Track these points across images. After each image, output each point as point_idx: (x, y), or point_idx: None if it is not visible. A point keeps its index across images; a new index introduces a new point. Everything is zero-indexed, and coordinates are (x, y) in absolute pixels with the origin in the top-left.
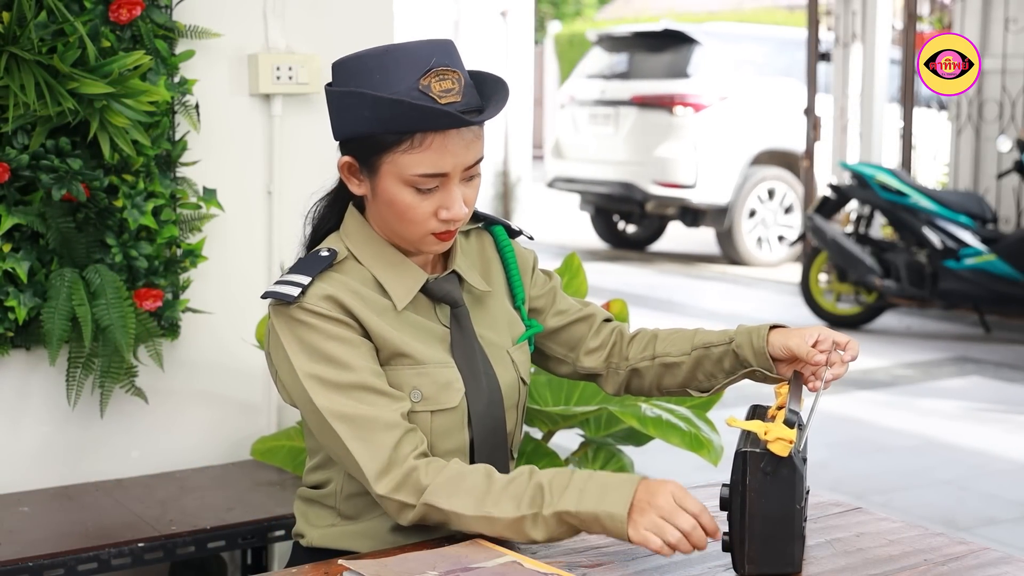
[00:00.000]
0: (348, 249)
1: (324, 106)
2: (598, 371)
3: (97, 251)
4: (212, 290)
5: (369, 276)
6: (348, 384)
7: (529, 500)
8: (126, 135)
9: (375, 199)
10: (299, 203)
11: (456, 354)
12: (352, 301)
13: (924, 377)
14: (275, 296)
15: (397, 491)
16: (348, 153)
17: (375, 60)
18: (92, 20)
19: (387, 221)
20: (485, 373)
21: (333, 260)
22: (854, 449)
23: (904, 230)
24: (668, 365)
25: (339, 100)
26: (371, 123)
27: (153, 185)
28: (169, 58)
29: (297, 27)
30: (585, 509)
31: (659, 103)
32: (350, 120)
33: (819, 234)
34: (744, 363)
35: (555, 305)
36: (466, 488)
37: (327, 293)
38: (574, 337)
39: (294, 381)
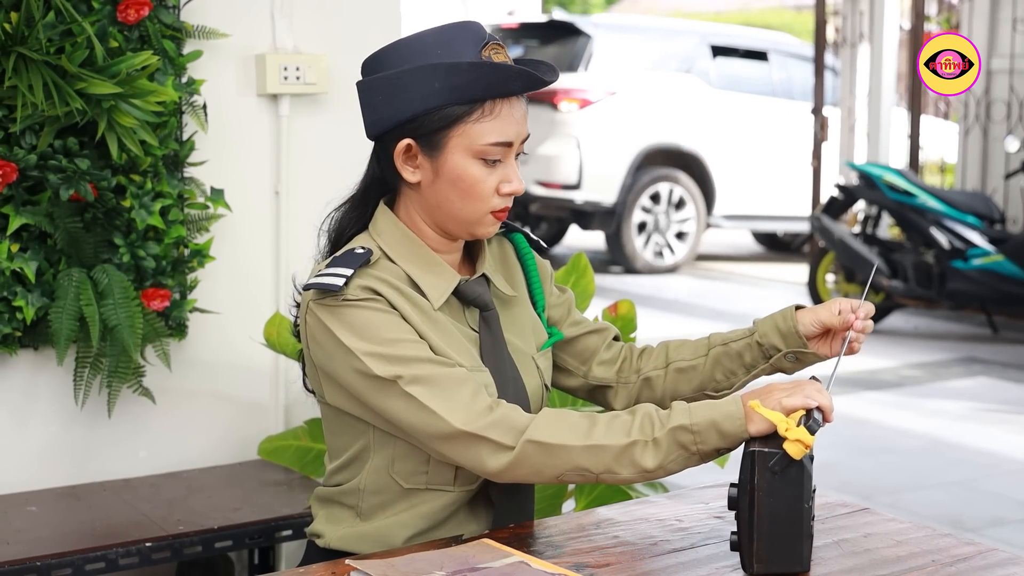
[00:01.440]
0: (380, 248)
1: (332, 106)
2: (609, 382)
3: (105, 251)
4: (219, 290)
5: (403, 275)
6: (410, 356)
7: (639, 427)
8: (134, 135)
9: (436, 181)
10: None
11: (486, 359)
12: (394, 296)
13: (931, 377)
14: (320, 287)
15: (490, 430)
16: (406, 136)
17: (433, 37)
18: (100, 20)
19: (447, 204)
20: (513, 378)
21: (369, 257)
22: (861, 449)
23: (911, 230)
24: (683, 370)
25: (396, 82)
26: (442, 95)
27: (161, 185)
28: (177, 58)
29: (305, 27)
30: (699, 419)
31: (543, 98)
32: (415, 98)
33: (826, 234)
34: (767, 353)
35: (570, 316)
36: (569, 424)
37: (368, 285)
38: (587, 349)
39: (350, 364)
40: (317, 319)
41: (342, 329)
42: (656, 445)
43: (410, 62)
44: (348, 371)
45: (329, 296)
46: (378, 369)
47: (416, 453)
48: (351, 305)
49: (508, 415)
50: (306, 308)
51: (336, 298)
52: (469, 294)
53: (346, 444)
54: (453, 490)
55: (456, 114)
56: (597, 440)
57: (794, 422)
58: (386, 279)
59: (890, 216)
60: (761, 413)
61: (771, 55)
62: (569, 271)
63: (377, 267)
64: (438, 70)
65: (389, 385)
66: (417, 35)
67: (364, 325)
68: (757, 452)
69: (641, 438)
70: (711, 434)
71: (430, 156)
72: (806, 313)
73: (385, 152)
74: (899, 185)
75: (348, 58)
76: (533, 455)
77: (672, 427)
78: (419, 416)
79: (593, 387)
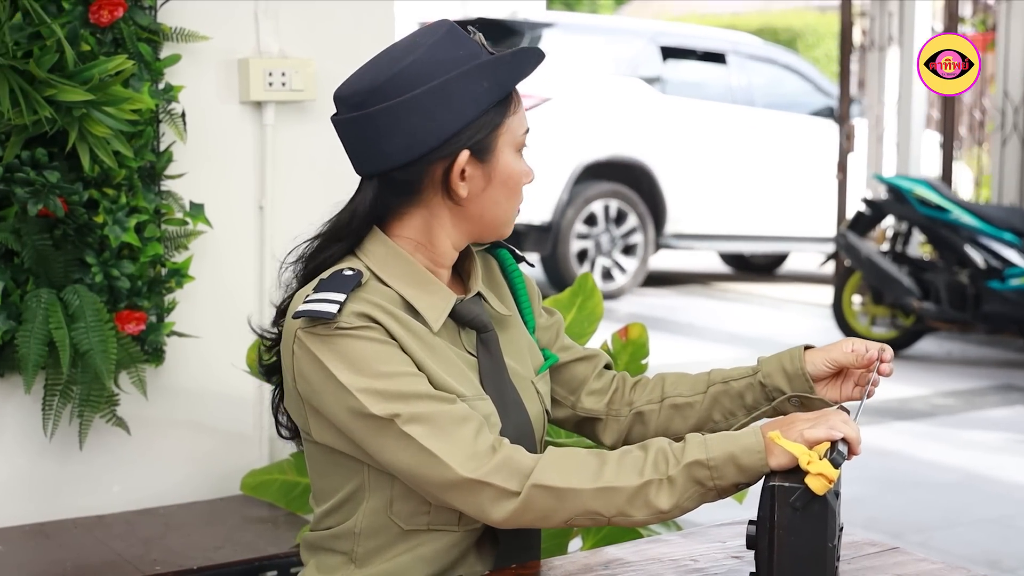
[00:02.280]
0: (369, 269)
1: (320, 115)
2: (598, 414)
3: (76, 270)
4: (199, 312)
5: (397, 297)
6: (408, 392)
7: (652, 465)
8: (107, 146)
9: (488, 187)
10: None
11: (487, 385)
12: (390, 322)
13: (966, 407)
14: (312, 315)
15: (494, 475)
16: (456, 149)
17: (451, 40)
18: (71, 22)
19: (495, 209)
20: (515, 405)
21: (360, 279)
22: (891, 484)
23: (944, 248)
24: (678, 406)
25: (441, 93)
26: (491, 93)
27: (136, 200)
28: (153, 63)
29: (291, 30)
30: (716, 453)
31: None
32: (466, 104)
33: (853, 252)
34: (770, 395)
35: (559, 341)
36: (578, 464)
37: (363, 311)
38: (576, 377)
39: (343, 401)
40: (306, 350)
41: (335, 361)
42: (671, 483)
43: (441, 72)
44: (340, 408)
45: (320, 324)
46: (374, 407)
47: (417, 492)
48: (345, 334)
49: (512, 457)
50: (293, 338)
51: (328, 326)
52: (466, 314)
53: (337, 485)
54: (457, 530)
55: (502, 110)
56: (608, 481)
57: (817, 455)
58: (380, 303)
59: (921, 233)
60: (782, 445)
61: (729, 57)
62: (575, 292)
63: (369, 290)
64: (485, 68)
65: (385, 424)
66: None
67: (359, 356)
68: (777, 487)
69: (655, 476)
70: (729, 469)
71: (483, 162)
72: (817, 353)
73: (408, 179)
74: (931, 199)
75: (338, 63)
76: (540, 500)
77: (687, 463)
78: (417, 459)
79: (581, 419)
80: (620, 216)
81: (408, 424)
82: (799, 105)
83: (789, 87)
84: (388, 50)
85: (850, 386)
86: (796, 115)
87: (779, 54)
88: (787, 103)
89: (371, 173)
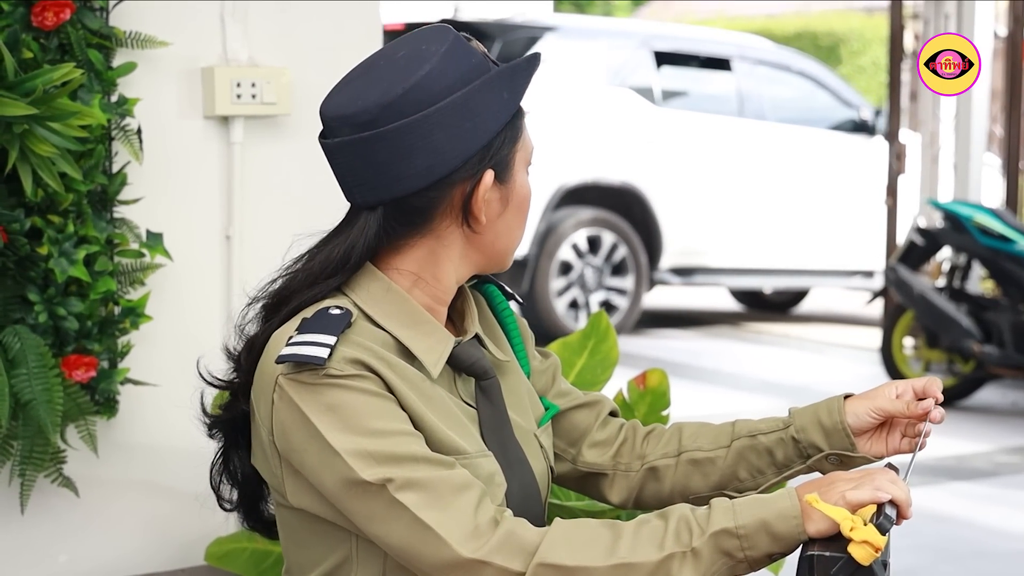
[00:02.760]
0: (358, 307)
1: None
2: (603, 469)
3: (16, 309)
4: (158, 357)
5: (390, 340)
6: (403, 454)
7: (674, 536)
8: (52, 167)
9: (506, 210)
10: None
11: (489, 439)
12: (386, 371)
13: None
14: (299, 360)
15: (496, 555)
16: (488, 166)
17: (462, 48)
18: (10, 26)
19: (508, 234)
20: (519, 462)
21: (350, 319)
22: (947, 553)
23: (1009, 284)
24: (698, 462)
25: (463, 107)
26: (509, 104)
27: (85, 228)
28: (105, 72)
29: (262, 35)
30: (745, 520)
31: None
32: (488, 119)
33: (904, 288)
34: (805, 452)
35: (555, 386)
36: (588, 537)
37: (357, 357)
38: (577, 427)
39: (330, 464)
40: (289, 400)
41: (322, 415)
42: (696, 557)
43: (462, 82)
44: (326, 471)
45: (307, 371)
46: (364, 472)
47: None
48: (336, 384)
49: (515, 531)
50: (273, 385)
51: (316, 373)
52: (465, 359)
53: (318, 557)
54: None
55: (518, 123)
56: (624, 557)
57: (862, 520)
58: (373, 348)
59: (982, 266)
60: (821, 510)
61: (735, 63)
62: (587, 334)
63: (359, 331)
64: (503, 77)
65: (376, 491)
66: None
67: (351, 411)
68: (817, 557)
69: (678, 549)
70: (761, 537)
71: (502, 183)
72: (858, 401)
73: (422, 206)
74: (993, 228)
75: (316, 73)
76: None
77: (713, 532)
78: (411, 533)
79: (584, 474)
80: (607, 248)
81: (401, 491)
82: (818, 118)
83: (806, 97)
84: (386, 60)
85: (897, 438)
86: (815, 129)
87: (793, 59)
88: (804, 116)
89: (380, 201)
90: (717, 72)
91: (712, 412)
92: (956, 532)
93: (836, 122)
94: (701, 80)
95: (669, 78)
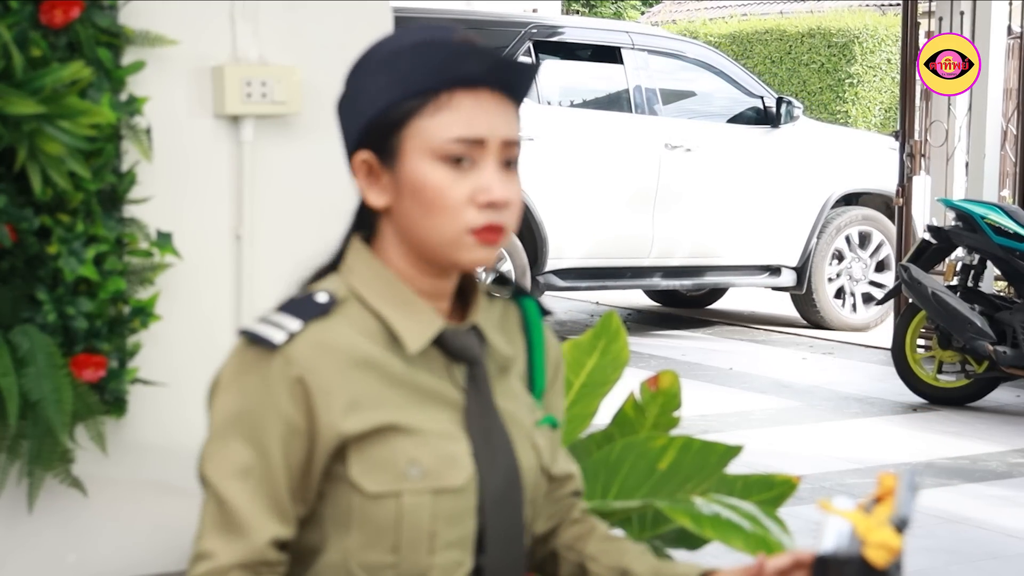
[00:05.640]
0: (352, 287)
1: (306, 130)
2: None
3: (25, 309)
4: (167, 357)
5: (373, 324)
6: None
7: None
8: (61, 166)
9: (400, 197)
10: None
11: (471, 423)
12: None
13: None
14: (254, 338)
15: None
16: (364, 147)
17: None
18: (19, 24)
19: (414, 225)
20: (502, 450)
21: (329, 308)
22: (960, 554)
23: (1022, 283)
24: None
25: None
26: (390, 90)
27: (94, 228)
28: (114, 71)
29: (273, 33)
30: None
31: None
32: (365, 102)
33: (916, 289)
34: None
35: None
36: None
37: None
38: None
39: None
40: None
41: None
42: None
43: (359, 68)
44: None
45: (258, 349)
46: (206, 446)
47: (380, 538)
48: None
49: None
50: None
51: (263, 353)
52: (453, 343)
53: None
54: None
55: (405, 109)
56: None
57: (880, 522)
58: (338, 346)
59: (996, 266)
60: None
61: (626, 54)
62: (597, 334)
63: (342, 314)
64: (381, 64)
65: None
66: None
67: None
68: (831, 560)
69: None
70: None
71: (388, 167)
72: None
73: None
74: (1007, 227)
75: (326, 72)
76: None
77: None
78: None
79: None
80: None
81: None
82: (718, 110)
83: (705, 88)
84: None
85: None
86: (713, 123)
87: (690, 48)
88: (702, 108)
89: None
90: (605, 64)
91: (723, 412)
92: (969, 533)
93: (737, 114)
94: (588, 73)
95: (549, 71)
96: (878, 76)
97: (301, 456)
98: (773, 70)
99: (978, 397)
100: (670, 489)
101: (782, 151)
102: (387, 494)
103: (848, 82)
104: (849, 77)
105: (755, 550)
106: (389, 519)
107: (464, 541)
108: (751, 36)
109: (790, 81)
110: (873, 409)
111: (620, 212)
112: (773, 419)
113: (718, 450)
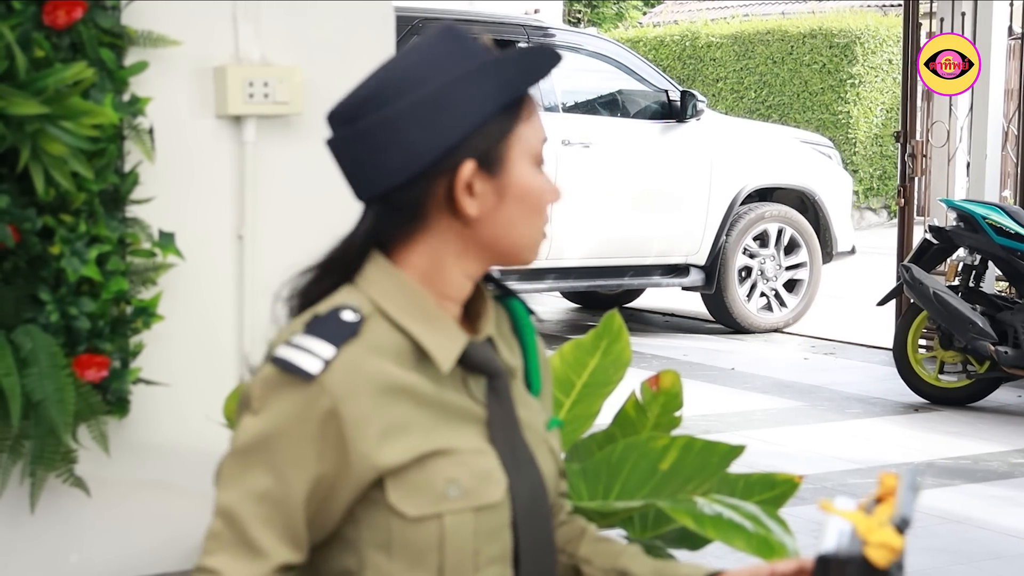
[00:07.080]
0: (374, 302)
1: (308, 130)
2: None
3: (28, 309)
4: (170, 357)
5: (401, 341)
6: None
7: None
8: (64, 166)
9: (501, 204)
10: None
11: (496, 437)
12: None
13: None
14: (288, 368)
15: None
16: (467, 157)
17: (449, 41)
18: (22, 24)
19: (512, 230)
20: (526, 460)
21: (358, 328)
22: (962, 554)
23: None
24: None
25: (437, 101)
26: (498, 96)
27: (97, 228)
28: (117, 71)
29: (275, 34)
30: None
31: None
32: (467, 111)
33: (917, 289)
34: None
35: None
36: None
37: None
38: None
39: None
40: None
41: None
42: None
43: (439, 75)
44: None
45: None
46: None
47: (424, 561)
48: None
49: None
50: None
51: (302, 382)
52: (477, 358)
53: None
54: None
55: (512, 116)
56: None
57: (881, 522)
58: (371, 371)
59: (997, 266)
60: (833, 513)
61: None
62: (599, 335)
63: (369, 334)
64: (487, 69)
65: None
66: (408, 50)
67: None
68: (832, 560)
69: None
70: None
71: (492, 175)
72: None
73: (410, 200)
74: (1008, 227)
75: (328, 72)
76: None
77: None
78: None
79: None
80: None
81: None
82: (621, 104)
83: (606, 83)
84: (390, 58)
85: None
86: (615, 119)
87: (588, 41)
88: (604, 102)
89: (371, 196)
90: None
91: (725, 411)
92: (970, 534)
93: (639, 108)
94: None
95: None
96: (879, 77)
97: (324, 489)
98: (775, 70)
99: (979, 397)
100: (672, 489)
101: (687, 146)
102: (428, 517)
103: (849, 83)
104: (851, 78)
105: (757, 550)
106: (432, 541)
107: (504, 555)
108: (753, 36)
109: (791, 81)
110: (875, 409)
111: None
112: (775, 419)
113: (720, 450)
